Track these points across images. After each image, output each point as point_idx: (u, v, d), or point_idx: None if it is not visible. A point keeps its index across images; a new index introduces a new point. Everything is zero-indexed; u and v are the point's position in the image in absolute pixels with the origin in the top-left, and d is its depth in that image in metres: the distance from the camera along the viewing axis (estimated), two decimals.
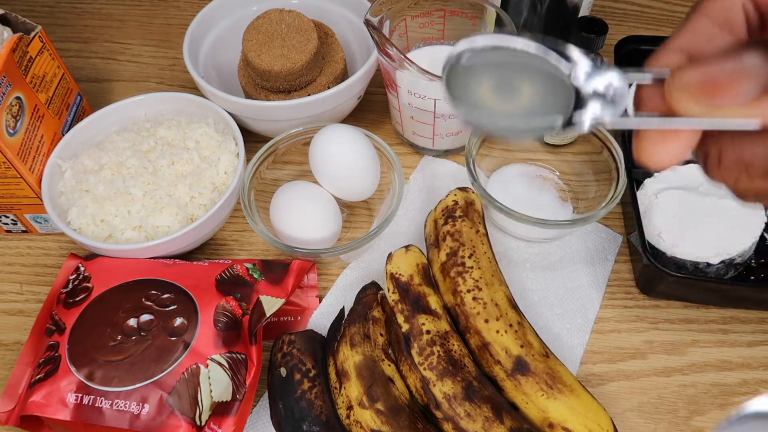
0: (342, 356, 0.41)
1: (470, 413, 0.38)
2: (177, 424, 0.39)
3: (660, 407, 0.45)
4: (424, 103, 0.52)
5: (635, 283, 0.51)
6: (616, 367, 0.47)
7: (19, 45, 0.48)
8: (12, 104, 0.47)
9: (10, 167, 0.47)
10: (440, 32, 0.58)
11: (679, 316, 0.49)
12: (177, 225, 0.48)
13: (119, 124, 0.55)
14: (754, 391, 0.45)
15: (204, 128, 0.53)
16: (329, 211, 0.50)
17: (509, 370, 0.40)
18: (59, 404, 0.39)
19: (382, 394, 0.39)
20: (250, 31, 0.55)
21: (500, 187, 0.55)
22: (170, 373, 0.40)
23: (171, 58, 0.70)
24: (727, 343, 0.48)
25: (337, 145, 0.48)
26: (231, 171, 0.52)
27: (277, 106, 0.53)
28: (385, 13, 0.53)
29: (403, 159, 0.59)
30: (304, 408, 0.40)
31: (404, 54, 0.48)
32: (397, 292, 0.43)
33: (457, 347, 0.41)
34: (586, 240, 0.53)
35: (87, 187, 0.49)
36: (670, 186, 0.51)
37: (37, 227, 0.54)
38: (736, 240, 0.48)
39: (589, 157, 0.54)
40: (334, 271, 0.52)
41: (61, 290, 0.46)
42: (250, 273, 0.46)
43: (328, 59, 0.58)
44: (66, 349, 0.41)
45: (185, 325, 0.42)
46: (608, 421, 0.39)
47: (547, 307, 0.49)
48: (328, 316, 0.49)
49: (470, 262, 0.44)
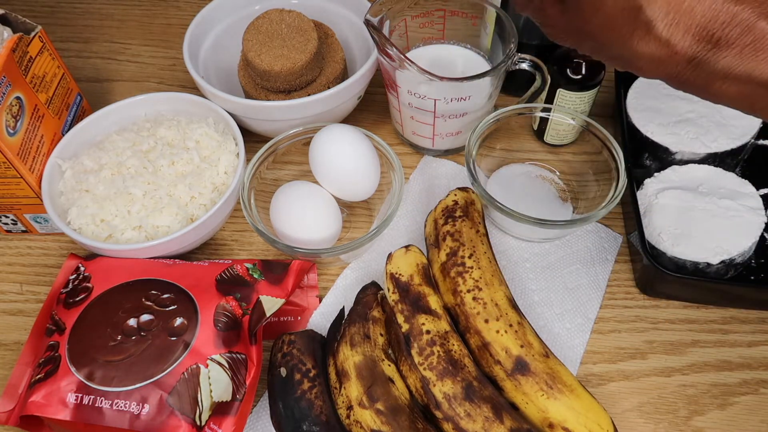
0: (342, 356, 0.41)
1: (470, 413, 0.38)
2: (177, 424, 0.39)
3: (660, 407, 0.45)
4: (424, 103, 0.52)
5: (635, 283, 0.51)
6: (616, 367, 0.47)
7: (19, 45, 0.48)
8: (12, 104, 0.47)
9: (10, 167, 0.47)
10: (440, 32, 0.58)
11: (679, 316, 0.49)
12: (177, 225, 0.48)
13: (119, 124, 0.55)
14: (754, 391, 0.45)
15: (204, 128, 0.53)
16: (329, 211, 0.50)
17: (509, 370, 0.40)
18: (59, 404, 0.39)
19: (382, 394, 0.39)
20: (250, 31, 0.55)
21: (500, 187, 0.55)
22: (170, 373, 0.40)
23: (171, 58, 0.70)
24: (727, 343, 0.48)
25: (337, 145, 0.48)
26: (231, 171, 0.52)
27: (277, 106, 0.53)
28: (385, 13, 0.53)
29: (403, 159, 0.59)
30: (304, 408, 0.40)
31: (404, 54, 0.48)
32: (397, 292, 0.43)
33: (457, 347, 0.41)
34: (586, 240, 0.53)
35: (87, 187, 0.50)
36: (670, 186, 0.51)
37: (37, 227, 0.54)
38: (736, 240, 0.48)
39: (589, 157, 0.54)
40: (334, 271, 0.52)
41: (61, 290, 0.46)
42: (250, 273, 0.46)
43: (328, 59, 0.58)
44: (66, 349, 0.41)
45: (185, 325, 0.42)
46: (608, 421, 0.39)
47: (547, 307, 0.49)
48: (328, 316, 0.49)
49: (470, 262, 0.44)
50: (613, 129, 0.55)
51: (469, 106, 0.53)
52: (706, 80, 0.27)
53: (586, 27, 0.30)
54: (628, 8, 0.27)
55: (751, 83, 0.27)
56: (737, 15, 0.26)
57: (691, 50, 0.27)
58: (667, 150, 0.53)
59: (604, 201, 0.49)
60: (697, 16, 0.26)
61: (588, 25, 0.29)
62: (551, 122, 0.55)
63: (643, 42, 0.27)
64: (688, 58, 0.27)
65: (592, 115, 0.54)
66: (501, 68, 0.51)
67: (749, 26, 0.25)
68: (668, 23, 0.26)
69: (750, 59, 0.26)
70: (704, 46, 0.27)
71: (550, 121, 0.55)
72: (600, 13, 0.28)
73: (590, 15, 0.29)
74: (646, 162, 0.55)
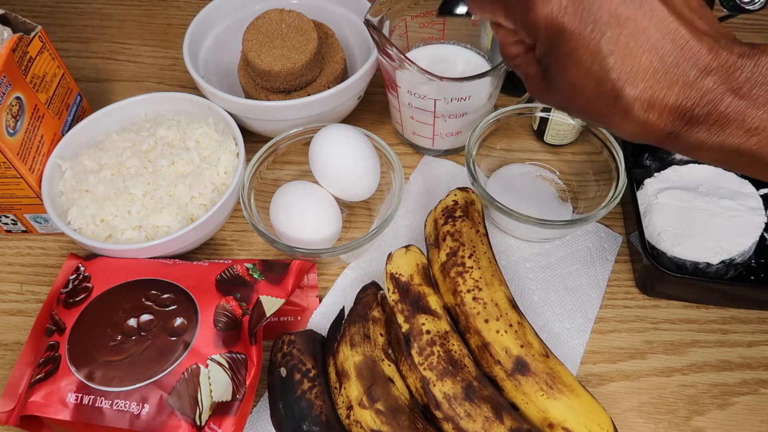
0: (342, 356, 0.41)
1: (470, 413, 0.38)
2: (177, 424, 0.39)
3: (660, 407, 0.45)
4: (424, 103, 0.52)
5: (635, 283, 0.51)
6: (616, 367, 0.47)
7: (19, 45, 0.48)
8: (12, 104, 0.47)
9: (10, 167, 0.47)
10: (440, 32, 0.58)
11: (679, 316, 0.49)
12: (177, 225, 0.48)
13: (119, 124, 0.55)
14: (754, 391, 0.45)
15: (204, 128, 0.53)
16: (329, 211, 0.50)
17: (509, 370, 0.40)
18: (59, 404, 0.39)
19: (382, 394, 0.39)
20: (250, 31, 0.55)
21: (500, 187, 0.55)
22: (170, 373, 0.40)
23: (171, 58, 0.70)
24: (727, 343, 0.48)
25: (337, 145, 0.48)
26: (231, 171, 0.52)
27: (277, 106, 0.53)
28: (385, 13, 0.53)
29: (403, 159, 0.59)
30: (304, 408, 0.40)
31: (404, 54, 0.48)
32: (397, 292, 0.43)
33: (457, 347, 0.41)
34: (586, 240, 0.53)
35: (87, 187, 0.49)
36: (670, 186, 0.51)
37: (37, 227, 0.54)
38: (736, 240, 0.48)
39: (589, 157, 0.54)
40: (334, 271, 0.52)
41: (61, 290, 0.46)
42: (250, 273, 0.46)
43: (328, 59, 0.58)
44: (66, 349, 0.41)
45: (185, 325, 0.42)
46: (608, 421, 0.39)
47: (547, 307, 0.49)
48: (328, 316, 0.49)
49: (470, 262, 0.44)
50: None
51: (469, 106, 0.53)
52: (686, 149, 0.30)
53: (569, 105, 0.32)
54: (606, 94, 0.29)
55: (724, 152, 0.29)
56: (707, 93, 0.28)
57: (667, 128, 0.29)
58: (667, 150, 0.53)
59: (604, 201, 0.49)
60: (670, 98, 0.28)
61: (571, 104, 0.31)
62: (551, 122, 0.55)
63: (624, 122, 0.29)
64: (666, 133, 0.29)
65: None
66: (501, 68, 0.51)
67: (716, 103, 0.27)
68: (645, 108, 0.28)
69: (718, 134, 0.28)
70: (679, 123, 0.29)
71: (550, 121, 0.55)
72: (581, 97, 0.30)
73: (572, 97, 0.31)
74: (646, 162, 0.55)
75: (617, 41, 0.28)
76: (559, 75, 0.30)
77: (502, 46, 0.34)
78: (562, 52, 0.29)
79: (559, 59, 0.30)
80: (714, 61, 0.27)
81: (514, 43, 0.33)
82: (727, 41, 0.28)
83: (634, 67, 0.28)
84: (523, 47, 0.33)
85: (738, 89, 0.27)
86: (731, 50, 0.28)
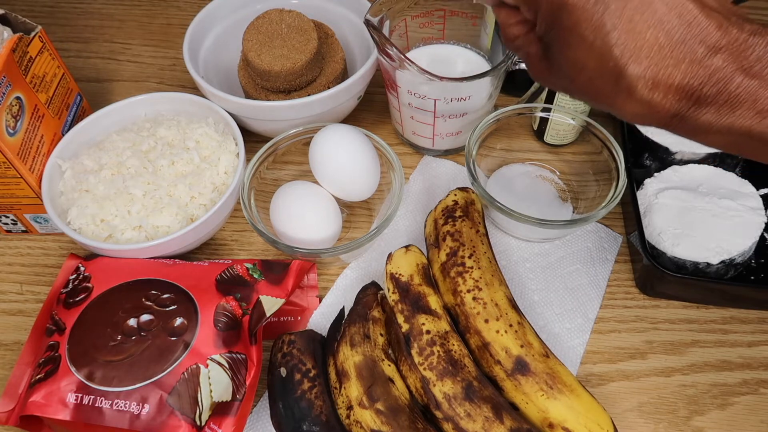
0: (342, 356, 0.41)
1: (470, 413, 0.38)
2: (177, 424, 0.39)
3: (660, 407, 0.45)
4: (424, 103, 0.52)
5: (635, 283, 0.51)
6: (616, 367, 0.47)
7: (19, 45, 0.48)
8: (12, 104, 0.47)
9: (10, 167, 0.47)
10: (440, 32, 0.58)
11: (679, 316, 0.49)
12: (177, 225, 0.48)
13: (119, 124, 0.55)
14: (754, 391, 0.45)
15: (204, 128, 0.53)
16: (329, 211, 0.50)
17: (509, 370, 0.40)
18: (59, 404, 0.39)
19: (382, 394, 0.39)
20: (250, 31, 0.55)
21: (500, 187, 0.55)
22: (170, 373, 0.40)
23: (171, 58, 0.70)
24: (727, 343, 0.48)
25: (337, 145, 0.48)
26: (231, 171, 0.52)
27: (277, 106, 0.53)
28: (385, 13, 0.53)
29: (403, 159, 0.59)
30: (304, 408, 0.40)
31: (404, 54, 0.48)
32: (397, 292, 0.43)
33: (457, 347, 0.41)
34: (586, 240, 0.53)
35: (87, 187, 0.49)
36: (670, 186, 0.51)
37: (37, 227, 0.54)
38: (736, 240, 0.48)
39: (589, 157, 0.54)
40: (334, 271, 0.52)
41: (61, 290, 0.46)
42: (250, 273, 0.46)
43: (328, 59, 0.58)
44: (66, 349, 0.41)
45: (185, 325, 0.42)
46: (608, 421, 0.39)
47: (547, 307, 0.49)
48: (328, 316, 0.49)
49: (470, 262, 0.44)
50: (613, 129, 0.55)
51: (469, 106, 0.53)
52: (692, 131, 0.28)
53: (571, 85, 0.30)
54: (609, 72, 0.28)
55: (733, 134, 0.27)
56: (715, 72, 0.26)
57: (673, 108, 0.27)
58: (667, 150, 0.53)
59: (604, 201, 0.49)
60: (676, 77, 0.27)
61: (573, 84, 0.30)
62: (551, 122, 0.55)
63: (627, 102, 0.28)
64: (672, 114, 0.28)
65: (592, 115, 0.54)
66: (501, 68, 0.51)
67: (726, 82, 0.26)
68: (649, 86, 0.27)
69: (727, 115, 0.27)
70: (685, 104, 0.27)
71: (550, 121, 0.55)
72: (583, 75, 0.29)
73: (574, 76, 0.29)
74: (646, 162, 0.55)
75: (621, 15, 0.27)
76: (560, 53, 0.29)
77: (503, 28, 0.34)
78: (564, 27, 0.28)
79: (560, 35, 0.29)
80: (723, 38, 0.26)
81: (515, 24, 0.33)
82: (738, 18, 0.27)
83: (639, 43, 0.27)
84: (524, 28, 0.32)
85: (749, 68, 0.26)
86: (742, 28, 0.26)
